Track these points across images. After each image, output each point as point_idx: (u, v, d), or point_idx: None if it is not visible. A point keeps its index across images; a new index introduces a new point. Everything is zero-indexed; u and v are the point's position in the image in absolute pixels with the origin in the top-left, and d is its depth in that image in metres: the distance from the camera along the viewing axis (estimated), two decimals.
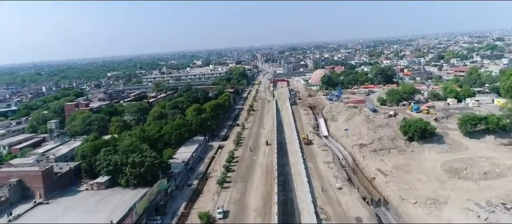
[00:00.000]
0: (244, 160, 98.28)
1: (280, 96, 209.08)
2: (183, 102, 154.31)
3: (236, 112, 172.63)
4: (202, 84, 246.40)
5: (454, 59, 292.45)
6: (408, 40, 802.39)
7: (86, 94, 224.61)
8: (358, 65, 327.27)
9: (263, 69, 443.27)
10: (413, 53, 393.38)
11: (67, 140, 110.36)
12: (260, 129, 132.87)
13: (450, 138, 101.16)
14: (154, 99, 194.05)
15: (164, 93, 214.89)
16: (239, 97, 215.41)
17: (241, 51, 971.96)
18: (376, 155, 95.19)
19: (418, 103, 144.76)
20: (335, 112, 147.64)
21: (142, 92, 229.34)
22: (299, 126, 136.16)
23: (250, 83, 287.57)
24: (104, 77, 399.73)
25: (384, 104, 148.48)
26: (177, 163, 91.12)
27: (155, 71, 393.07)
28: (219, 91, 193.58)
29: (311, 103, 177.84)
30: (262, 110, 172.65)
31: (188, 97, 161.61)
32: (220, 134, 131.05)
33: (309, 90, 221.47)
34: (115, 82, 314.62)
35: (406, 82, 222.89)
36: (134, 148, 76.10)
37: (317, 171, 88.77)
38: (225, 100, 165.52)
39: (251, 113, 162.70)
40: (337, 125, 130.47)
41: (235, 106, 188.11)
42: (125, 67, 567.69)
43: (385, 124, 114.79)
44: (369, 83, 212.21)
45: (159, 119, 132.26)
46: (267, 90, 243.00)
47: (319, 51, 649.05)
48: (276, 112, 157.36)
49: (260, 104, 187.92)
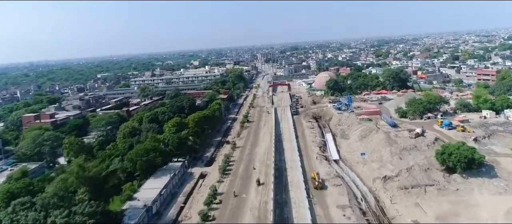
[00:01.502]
0: (229, 200, 73.62)
1: (280, 103, 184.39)
2: (164, 113, 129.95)
3: (228, 124, 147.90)
4: (194, 88, 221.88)
5: (471, 60, 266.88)
6: (412, 39, 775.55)
7: (63, 100, 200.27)
8: (365, 66, 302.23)
9: (262, 70, 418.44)
10: (423, 53, 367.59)
11: (5, 168, 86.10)
12: (255, 149, 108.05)
13: (503, 169, 76.36)
14: (136, 106, 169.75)
15: (149, 99, 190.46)
16: (234, 103, 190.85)
17: (242, 51, 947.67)
18: (408, 196, 70.39)
19: (445, 115, 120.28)
20: (345, 125, 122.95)
21: (125, 98, 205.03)
22: (302, 144, 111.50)
23: (248, 86, 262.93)
24: (93, 78, 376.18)
25: (404, 116, 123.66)
26: (136, 207, 66.83)
27: (148, 73, 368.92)
28: (210, 98, 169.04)
29: (315, 113, 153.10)
30: (259, 120, 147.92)
31: (171, 107, 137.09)
32: (205, 155, 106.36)
33: (312, 95, 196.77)
34: (102, 85, 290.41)
35: (422, 86, 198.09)
36: (61, 198, 51.58)
37: (328, 219, 64.19)
38: (214, 110, 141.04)
39: (245, 126, 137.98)
40: (349, 144, 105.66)
41: (228, 115, 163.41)
42: (119, 67, 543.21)
43: (412, 147, 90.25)
44: (380, 88, 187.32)
45: (130, 136, 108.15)
46: (266, 94, 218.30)
47: (322, 50, 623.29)
48: (275, 124, 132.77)
49: (257, 113, 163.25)
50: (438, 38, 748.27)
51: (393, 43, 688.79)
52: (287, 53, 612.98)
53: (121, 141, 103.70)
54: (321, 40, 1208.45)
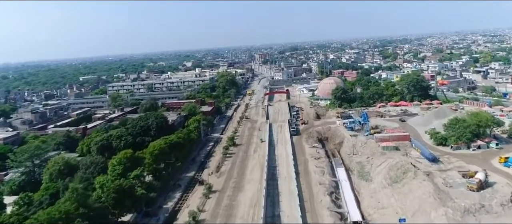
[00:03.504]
0: None
1: (276, 116, 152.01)
2: (120, 137, 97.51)
3: (208, 148, 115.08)
4: (175, 96, 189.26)
5: (495, 63, 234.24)
6: (415, 39, 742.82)
7: (16, 111, 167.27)
8: (373, 69, 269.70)
9: (260, 72, 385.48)
10: (436, 55, 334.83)
11: None
12: (238, 196, 75.51)
13: None
14: (100, 122, 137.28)
15: (120, 110, 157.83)
16: (221, 117, 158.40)
17: (240, 51, 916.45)
18: None
19: (497, 139, 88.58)
20: (363, 156, 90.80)
21: (93, 108, 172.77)
22: (305, 186, 79.28)
23: (241, 93, 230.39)
24: (70, 83, 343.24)
25: (444, 144, 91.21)
26: None
27: (133, 75, 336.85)
28: (189, 111, 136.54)
29: (321, 132, 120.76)
30: (249, 143, 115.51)
31: (133, 128, 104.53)
32: (164, 207, 73.64)
33: (315, 105, 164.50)
34: (77, 91, 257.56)
35: (448, 96, 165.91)
36: None
37: None
38: (190, 132, 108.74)
39: (229, 152, 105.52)
40: (373, 191, 73.19)
41: (211, 134, 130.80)
42: (108, 69, 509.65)
43: (479, 207, 58.00)
44: (398, 98, 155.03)
45: (62, 176, 75.87)
46: (260, 103, 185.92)
47: (323, 51, 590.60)
48: (269, 151, 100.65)
49: (247, 131, 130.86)
50: (442, 38, 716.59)
51: (396, 43, 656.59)
52: (286, 54, 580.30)
53: (44, 187, 71.41)
54: (321, 40, 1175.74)
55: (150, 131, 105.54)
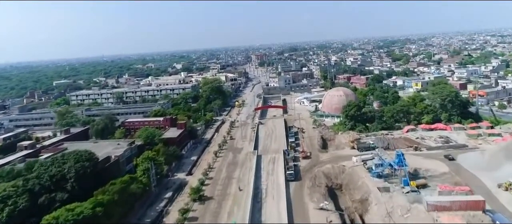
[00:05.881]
0: None
1: (268, 142, 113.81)
2: (5, 202, 59.67)
3: (160, 205, 76.56)
4: (144, 111, 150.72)
5: None
6: (419, 39, 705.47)
7: None
8: (385, 74, 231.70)
9: (255, 75, 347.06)
10: (453, 57, 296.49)
11: None
12: None
13: None
14: (17, 156, 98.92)
15: (64, 133, 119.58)
16: (196, 142, 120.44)
17: (238, 51, 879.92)
18: None
19: None
20: None
21: (32, 128, 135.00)
22: None
23: (229, 103, 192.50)
24: (48, 86, 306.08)
25: None
26: None
27: (112, 80, 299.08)
28: (145, 140, 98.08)
29: (331, 176, 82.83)
30: (224, 195, 77.35)
31: (38, 179, 66.53)
32: None
33: (320, 125, 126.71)
34: (41, 99, 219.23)
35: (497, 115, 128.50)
36: None
37: None
38: (129, 185, 70.69)
39: (190, 215, 67.59)
40: None
41: (173, 175, 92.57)
42: (92, 71, 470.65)
43: None
44: (430, 117, 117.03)
45: None
46: (250, 121, 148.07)
47: (323, 51, 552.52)
48: (252, 210, 63.51)
49: (224, 171, 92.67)
50: (447, 38, 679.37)
51: (400, 44, 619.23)
52: (285, 55, 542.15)
53: None
54: (322, 40, 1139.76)
55: (66, 182, 67.68)
